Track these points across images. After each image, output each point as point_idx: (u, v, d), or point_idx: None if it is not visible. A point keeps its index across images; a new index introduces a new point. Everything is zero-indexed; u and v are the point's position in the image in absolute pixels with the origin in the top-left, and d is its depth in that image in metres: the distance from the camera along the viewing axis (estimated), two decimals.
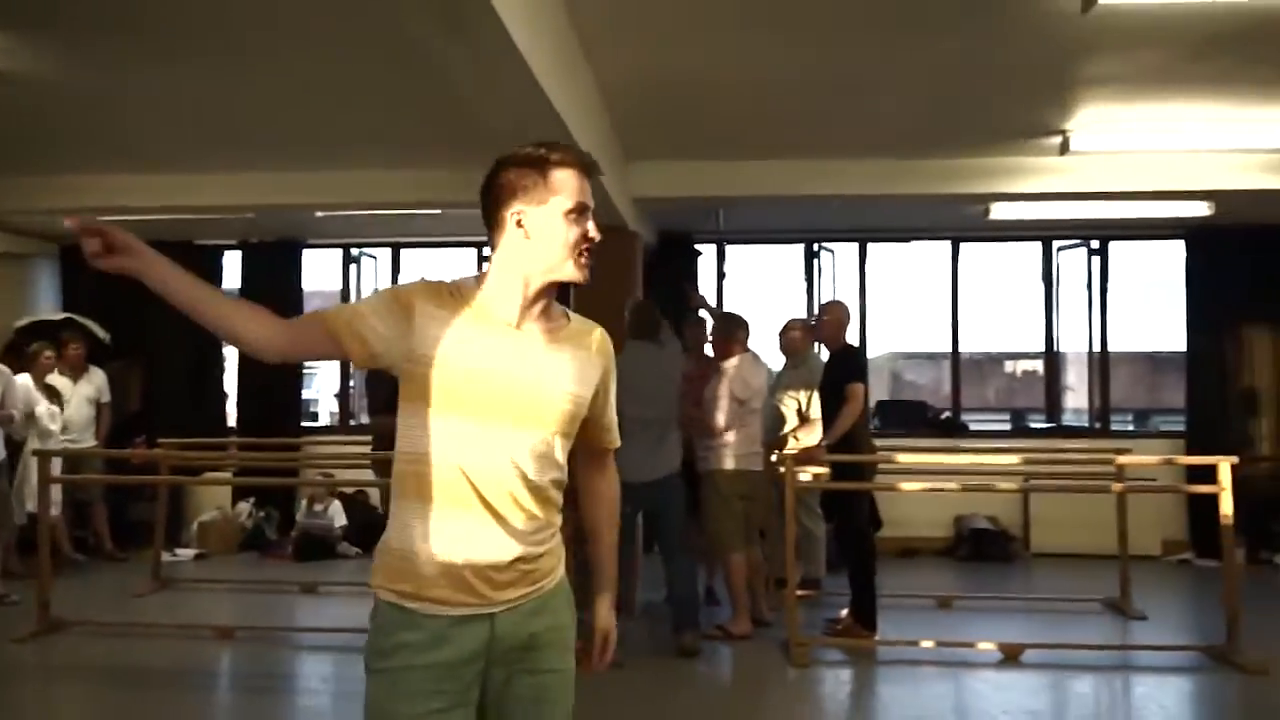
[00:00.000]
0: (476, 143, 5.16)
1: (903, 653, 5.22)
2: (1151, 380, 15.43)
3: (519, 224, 1.78)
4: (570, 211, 1.78)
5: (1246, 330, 8.03)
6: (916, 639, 5.28)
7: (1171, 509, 7.83)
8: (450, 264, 10.03)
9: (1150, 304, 17.98)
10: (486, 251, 8.42)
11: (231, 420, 9.03)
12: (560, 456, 1.84)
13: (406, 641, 1.75)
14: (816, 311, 5.74)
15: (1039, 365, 14.92)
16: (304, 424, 9.70)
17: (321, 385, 12.60)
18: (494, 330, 1.79)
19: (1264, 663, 4.80)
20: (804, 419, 6.19)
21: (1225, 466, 5.10)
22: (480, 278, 1.86)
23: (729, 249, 8.76)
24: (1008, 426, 11.73)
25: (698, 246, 8.45)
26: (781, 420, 6.15)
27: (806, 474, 5.42)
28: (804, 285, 8.57)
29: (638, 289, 6.77)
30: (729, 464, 5.40)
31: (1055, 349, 8.77)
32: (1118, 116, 5.24)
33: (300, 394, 9.78)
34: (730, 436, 5.41)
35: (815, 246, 8.54)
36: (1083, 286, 8.54)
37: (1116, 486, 5.79)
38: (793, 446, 6.02)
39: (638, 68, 4.65)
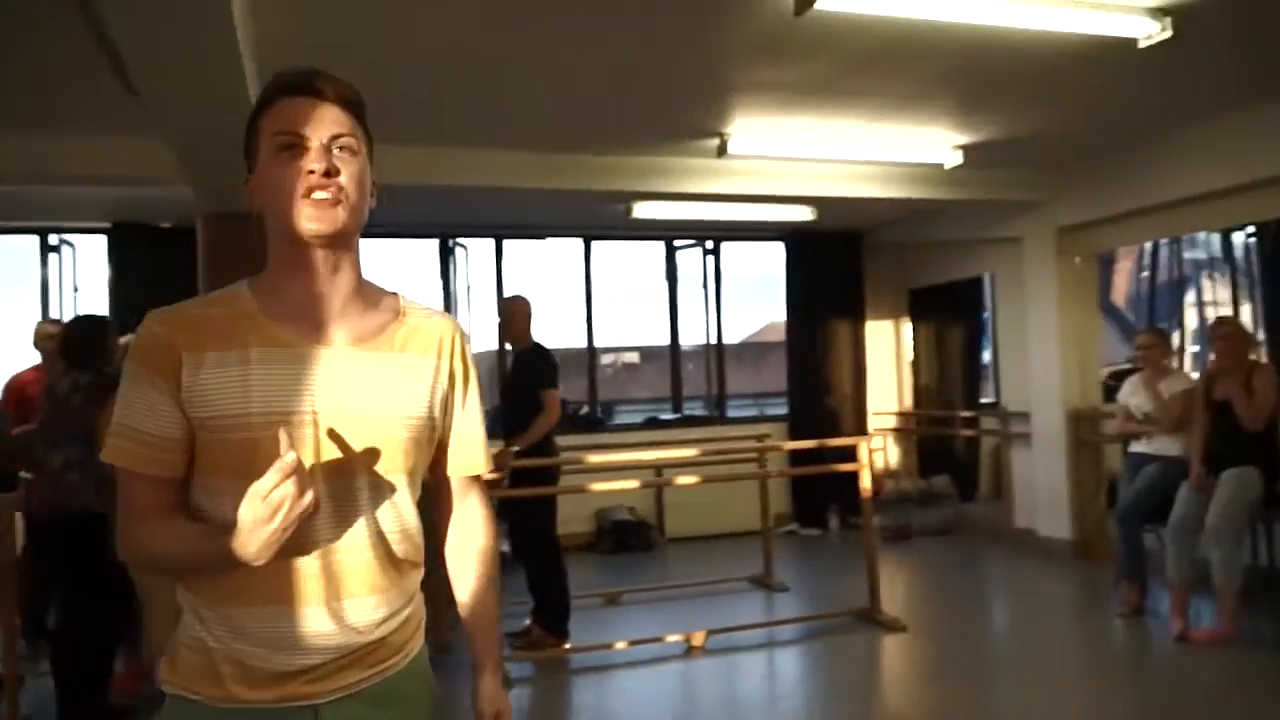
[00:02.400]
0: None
1: (592, 658, 5.13)
2: (737, 367, 17.11)
3: (246, 182, 1.40)
4: (280, 149, 1.35)
5: (832, 323, 9.04)
6: (607, 641, 5.23)
7: (777, 485, 8.57)
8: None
9: (746, 300, 19.91)
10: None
11: None
12: (409, 500, 1.43)
13: None
14: (498, 308, 5.42)
15: (636, 357, 15.80)
16: None
17: None
18: (288, 352, 1.34)
19: (901, 619, 5.48)
20: None
21: (864, 446, 5.66)
22: (255, 281, 1.42)
23: (363, 242, 8.06)
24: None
25: None
26: None
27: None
28: (440, 281, 8.20)
29: None
30: None
31: (677, 342, 9.22)
32: (770, 124, 5.52)
33: None
34: None
35: (450, 241, 8.20)
36: (699, 284, 9.09)
37: (775, 471, 6.22)
38: None
39: (288, 28, 3.89)
